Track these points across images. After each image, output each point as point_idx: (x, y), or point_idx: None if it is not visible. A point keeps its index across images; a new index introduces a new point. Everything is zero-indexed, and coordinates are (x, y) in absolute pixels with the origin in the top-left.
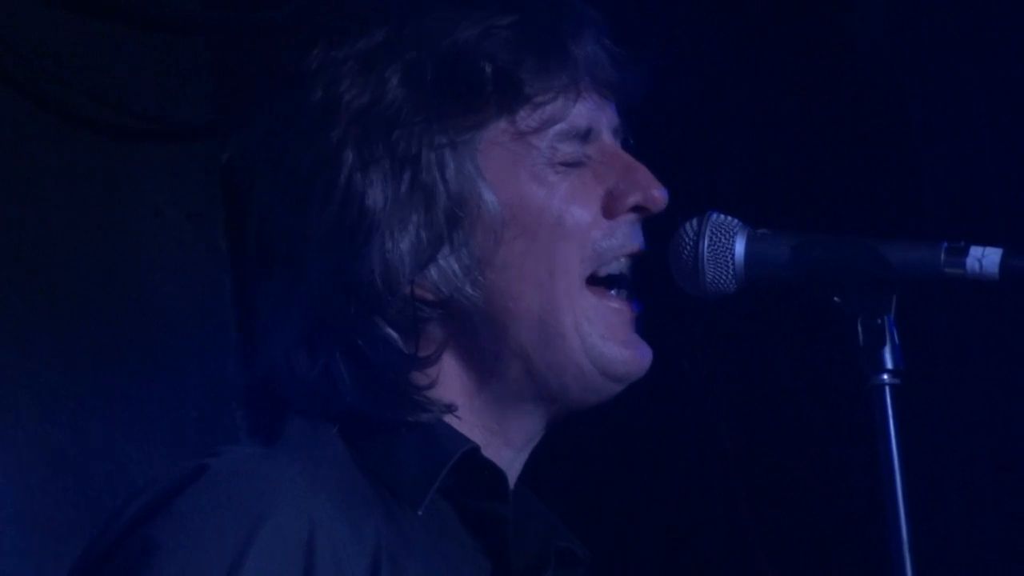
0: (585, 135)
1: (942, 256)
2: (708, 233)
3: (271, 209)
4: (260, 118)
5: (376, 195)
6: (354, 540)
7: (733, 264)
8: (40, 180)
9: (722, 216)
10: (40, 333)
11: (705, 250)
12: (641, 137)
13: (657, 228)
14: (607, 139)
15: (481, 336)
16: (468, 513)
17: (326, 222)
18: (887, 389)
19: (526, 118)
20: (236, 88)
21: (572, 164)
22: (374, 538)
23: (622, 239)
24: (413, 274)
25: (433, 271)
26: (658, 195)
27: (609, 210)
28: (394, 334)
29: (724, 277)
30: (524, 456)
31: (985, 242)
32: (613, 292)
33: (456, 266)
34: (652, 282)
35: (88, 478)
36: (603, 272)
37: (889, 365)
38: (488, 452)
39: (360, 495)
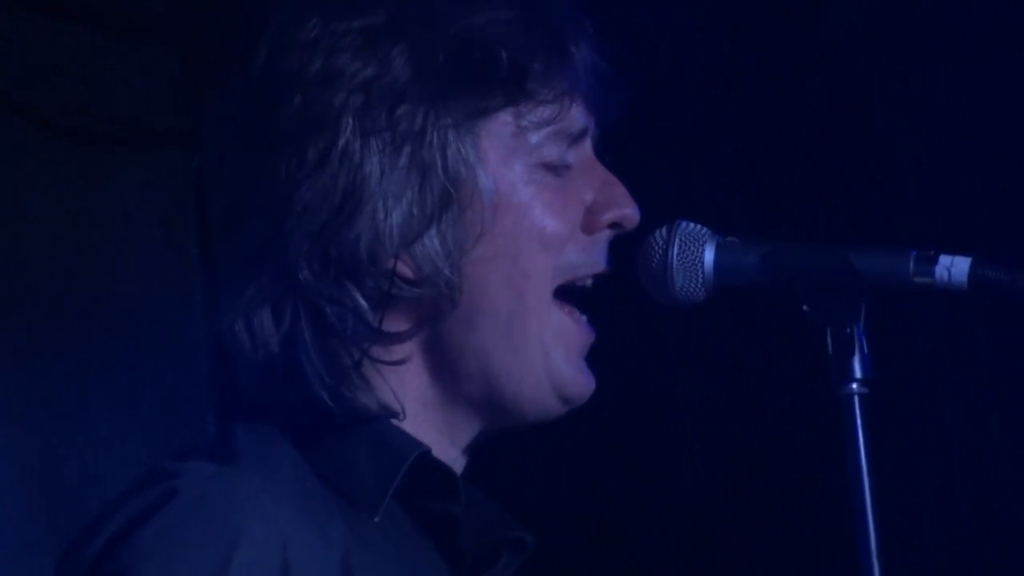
0: (578, 136)
1: (911, 265)
2: (677, 241)
3: (249, 165)
4: (247, 73)
5: (373, 165)
6: (324, 547)
7: (703, 272)
8: (10, 185)
9: (691, 224)
10: (10, 334)
11: (675, 258)
12: (607, 143)
13: (626, 235)
14: (589, 147)
15: (447, 325)
16: (420, 513)
17: (317, 185)
18: (856, 399)
19: (528, 112)
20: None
21: (555, 168)
22: (341, 544)
23: (596, 256)
24: (399, 248)
25: (417, 249)
26: (633, 214)
27: (587, 225)
28: (365, 306)
29: (693, 285)
30: (467, 457)
31: (952, 247)
32: (577, 312)
33: (439, 247)
34: (621, 289)
35: (58, 480)
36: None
37: (858, 374)
38: (436, 452)
39: (319, 501)
